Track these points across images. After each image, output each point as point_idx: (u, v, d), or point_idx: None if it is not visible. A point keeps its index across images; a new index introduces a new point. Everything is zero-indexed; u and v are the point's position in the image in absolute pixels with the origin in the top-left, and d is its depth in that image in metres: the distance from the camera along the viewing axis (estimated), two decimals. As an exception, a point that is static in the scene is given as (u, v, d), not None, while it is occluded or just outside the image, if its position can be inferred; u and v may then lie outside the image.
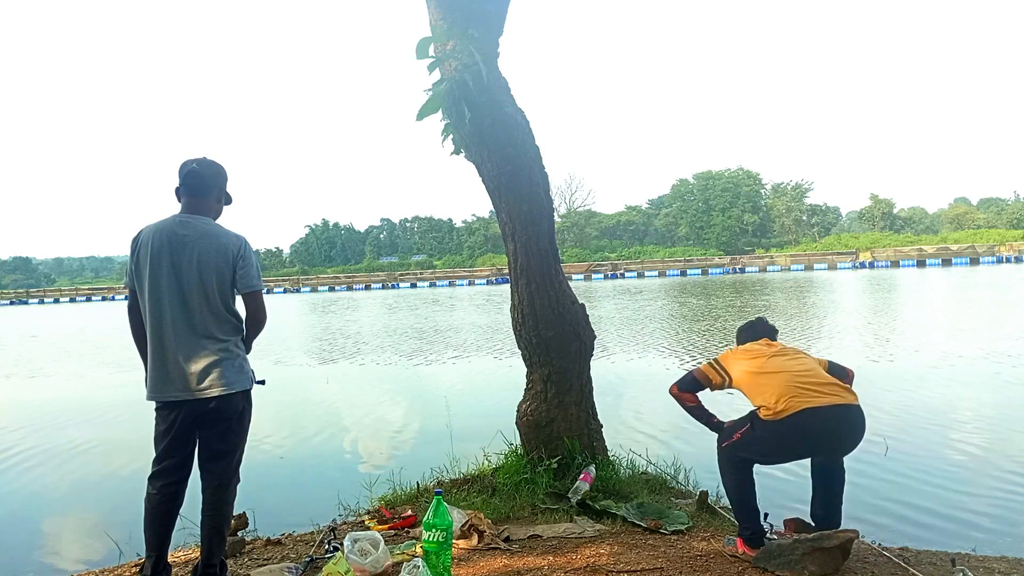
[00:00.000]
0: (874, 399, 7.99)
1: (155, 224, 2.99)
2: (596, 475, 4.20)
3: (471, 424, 7.31)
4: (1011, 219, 73.60)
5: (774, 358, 3.52)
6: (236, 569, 3.33)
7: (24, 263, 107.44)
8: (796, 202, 79.94)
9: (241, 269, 2.97)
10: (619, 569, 3.17)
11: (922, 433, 6.50)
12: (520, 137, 4.30)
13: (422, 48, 4.26)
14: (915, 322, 16.27)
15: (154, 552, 2.92)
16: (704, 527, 3.79)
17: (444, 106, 4.27)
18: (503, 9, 4.39)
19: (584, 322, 4.49)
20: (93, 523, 5.14)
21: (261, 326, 3.10)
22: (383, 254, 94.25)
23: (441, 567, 2.94)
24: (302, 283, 72.21)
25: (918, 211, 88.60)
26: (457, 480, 4.65)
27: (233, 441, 3.01)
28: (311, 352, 15.97)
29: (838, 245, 68.43)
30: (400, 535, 3.76)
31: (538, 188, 4.38)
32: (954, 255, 55.84)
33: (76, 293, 74.55)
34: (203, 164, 3.04)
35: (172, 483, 2.93)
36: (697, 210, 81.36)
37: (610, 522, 3.80)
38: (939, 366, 9.95)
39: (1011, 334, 12.87)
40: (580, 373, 4.50)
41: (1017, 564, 3.33)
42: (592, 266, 65.69)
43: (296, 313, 32.48)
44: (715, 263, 63.03)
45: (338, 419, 8.45)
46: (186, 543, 3.87)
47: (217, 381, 2.90)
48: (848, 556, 3.12)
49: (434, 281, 67.10)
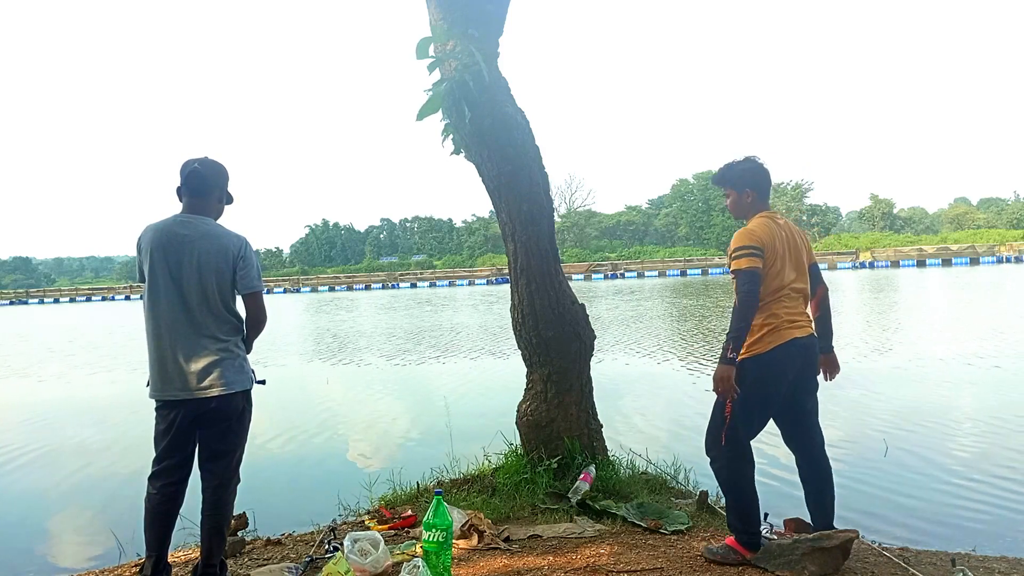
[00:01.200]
0: (874, 399, 8.00)
1: (156, 224, 3.00)
2: (596, 475, 4.20)
3: (471, 424, 7.31)
4: (1011, 219, 73.59)
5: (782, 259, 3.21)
6: (236, 569, 3.33)
7: (24, 263, 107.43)
8: (796, 202, 79.85)
9: (241, 270, 2.97)
10: (619, 569, 3.17)
11: (922, 433, 6.50)
12: (520, 137, 4.30)
13: (422, 48, 4.26)
14: (915, 322, 16.27)
15: (154, 552, 2.92)
16: (704, 527, 3.79)
17: (444, 106, 4.27)
18: (503, 9, 4.39)
19: (584, 322, 4.49)
20: (93, 523, 5.15)
21: (261, 327, 3.10)
22: (383, 254, 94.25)
23: (441, 567, 2.94)
24: (302, 283, 72.18)
25: (918, 211, 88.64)
26: (457, 480, 4.65)
27: (233, 441, 3.01)
28: (311, 352, 15.97)
29: (838, 245, 68.42)
30: (400, 535, 3.76)
31: (538, 188, 4.39)
32: (954, 255, 55.83)
33: (76, 293, 74.54)
34: (204, 164, 3.04)
35: (172, 483, 2.93)
36: (697, 210, 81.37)
37: (610, 522, 3.80)
38: (939, 366, 9.95)
39: (1011, 334, 12.86)
40: (580, 373, 4.50)
41: (1017, 564, 3.33)
42: (592, 266, 65.67)
43: (296, 313, 32.47)
44: (715, 263, 62.97)
45: (338, 419, 8.45)
46: (186, 543, 3.87)
47: (217, 381, 2.90)
48: (848, 556, 3.12)
49: (434, 281, 67.08)
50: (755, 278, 3.12)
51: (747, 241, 3.16)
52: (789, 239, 3.27)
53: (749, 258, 3.13)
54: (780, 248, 3.21)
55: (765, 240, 3.17)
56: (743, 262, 3.13)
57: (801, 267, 3.31)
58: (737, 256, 3.16)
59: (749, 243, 3.15)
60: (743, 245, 3.16)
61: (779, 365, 3.18)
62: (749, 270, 3.12)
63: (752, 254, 3.14)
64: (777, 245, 3.20)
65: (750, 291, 3.10)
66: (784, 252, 3.23)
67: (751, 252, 3.14)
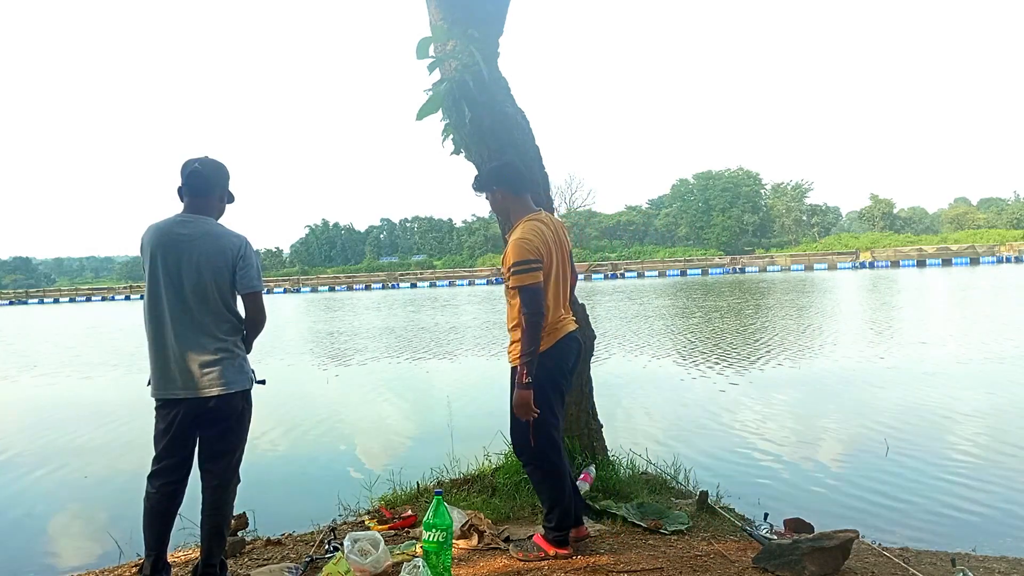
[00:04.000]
0: (874, 399, 8.01)
1: (158, 224, 3.00)
2: (596, 475, 4.20)
3: (471, 424, 7.30)
4: (1011, 219, 73.59)
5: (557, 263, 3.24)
6: (236, 569, 3.33)
7: (24, 263, 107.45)
8: (796, 202, 79.93)
9: (241, 270, 2.97)
10: (619, 569, 3.16)
11: (922, 433, 6.50)
12: (520, 137, 4.29)
13: (422, 48, 4.26)
14: (915, 322, 16.26)
15: (153, 551, 2.92)
16: (704, 527, 3.79)
17: (444, 106, 4.27)
18: (503, 9, 4.39)
19: (584, 322, 4.48)
20: (93, 523, 5.15)
21: (260, 327, 3.09)
22: (383, 254, 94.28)
23: (441, 567, 2.94)
24: (302, 283, 72.20)
25: (918, 211, 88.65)
26: (457, 480, 4.65)
27: (233, 441, 3.01)
28: (311, 352, 15.97)
29: (838, 245, 68.43)
30: (400, 535, 3.76)
31: (538, 188, 4.38)
32: (954, 255, 55.83)
33: (76, 293, 74.57)
34: (205, 164, 3.04)
35: (171, 482, 2.93)
36: (697, 210, 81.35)
37: (610, 522, 3.79)
38: (939, 366, 9.95)
39: (1010, 334, 12.86)
40: (580, 373, 4.48)
41: (1017, 564, 3.33)
42: (592, 266, 65.65)
43: (296, 313, 32.47)
44: (715, 263, 63.01)
45: (338, 419, 8.45)
46: (186, 543, 3.87)
47: (217, 380, 2.90)
48: (848, 556, 3.12)
49: (434, 281, 67.09)
50: (539, 295, 3.07)
51: (525, 255, 3.09)
52: (556, 238, 3.27)
53: (530, 273, 3.07)
54: (553, 249, 3.22)
55: (541, 248, 3.13)
56: (525, 278, 3.07)
57: (566, 263, 3.35)
58: (517, 272, 3.08)
59: (527, 257, 3.09)
60: (522, 260, 3.08)
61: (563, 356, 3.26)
62: (532, 287, 3.06)
63: (532, 268, 3.08)
64: (552, 249, 3.21)
65: (536, 310, 3.05)
66: (556, 253, 3.24)
67: (531, 267, 3.08)
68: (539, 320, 3.06)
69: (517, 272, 3.09)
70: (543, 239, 3.17)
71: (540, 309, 3.07)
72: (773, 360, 11.19)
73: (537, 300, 3.07)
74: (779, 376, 9.84)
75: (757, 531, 3.52)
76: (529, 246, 3.11)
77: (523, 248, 3.10)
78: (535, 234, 3.16)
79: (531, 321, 3.05)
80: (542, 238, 3.17)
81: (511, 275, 3.12)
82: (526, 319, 3.06)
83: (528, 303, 3.06)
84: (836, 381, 9.20)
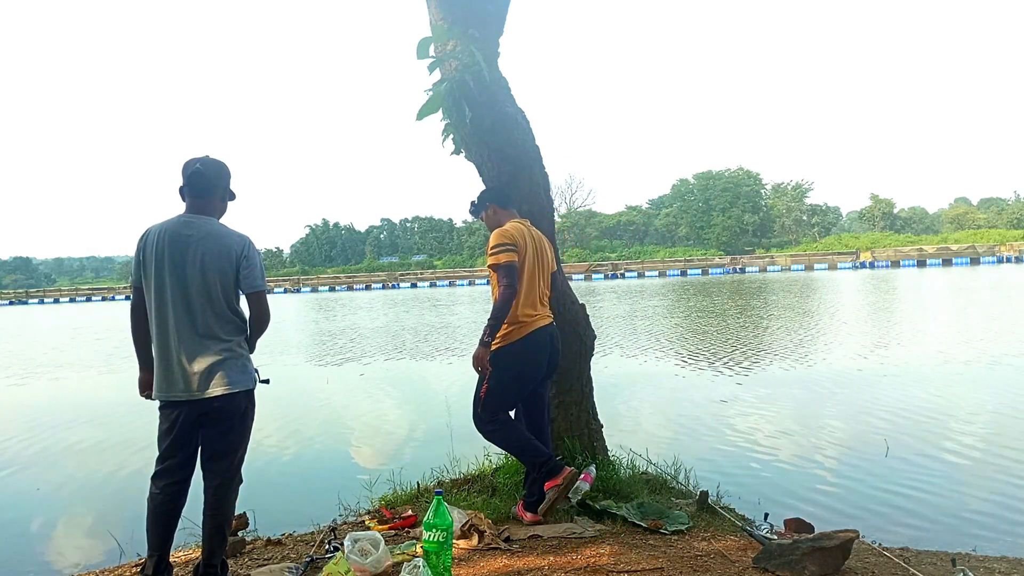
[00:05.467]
0: (874, 399, 8.01)
1: (160, 224, 3.00)
2: (596, 475, 4.19)
3: (471, 424, 7.29)
4: (1011, 219, 73.59)
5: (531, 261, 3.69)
6: (237, 569, 3.34)
7: (24, 263, 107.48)
8: (796, 202, 79.92)
9: (245, 269, 2.97)
10: (619, 569, 3.17)
11: (922, 433, 6.50)
12: (520, 137, 4.30)
13: (422, 48, 4.26)
14: (915, 322, 16.26)
15: (156, 551, 2.92)
16: (704, 527, 3.79)
17: (444, 106, 4.27)
18: (503, 9, 4.39)
19: (585, 322, 4.49)
20: (94, 523, 5.15)
21: (264, 326, 3.09)
22: (383, 254, 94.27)
23: (441, 567, 2.94)
24: (302, 283, 72.23)
25: (918, 211, 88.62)
26: (457, 480, 4.65)
27: (235, 441, 3.01)
28: (311, 351, 15.97)
29: (838, 245, 68.46)
30: (400, 535, 3.76)
31: (538, 188, 4.39)
32: (954, 255, 55.87)
33: (76, 293, 74.63)
34: (206, 164, 3.04)
35: (175, 482, 2.93)
36: (697, 210, 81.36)
37: (610, 522, 3.80)
38: (939, 366, 9.96)
39: (1011, 333, 12.86)
40: (580, 373, 4.50)
41: (1017, 564, 3.34)
42: (592, 266, 65.68)
43: (296, 313, 32.47)
44: (715, 263, 63.05)
45: (338, 419, 8.45)
46: (187, 543, 3.87)
47: (220, 381, 2.90)
48: (848, 556, 3.12)
49: (434, 281, 67.14)
50: (512, 271, 3.57)
51: (502, 239, 3.62)
52: (535, 243, 3.75)
53: (506, 253, 3.59)
54: (529, 246, 3.69)
55: (517, 238, 3.65)
56: (501, 257, 3.59)
57: (544, 268, 3.80)
58: (495, 252, 3.61)
59: (504, 240, 3.62)
60: (499, 243, 3.62)
61: (532, 348, 3.67)
62: (507, 264, 3.57)
63: (508, 249, 3.59)
64: (528, 245, 3.68)
65: (510, 283, 3.55)
66: (532, 252, 3.69)
67: (507, 248, 3.60)
68: (511, 293, 3.54)
69: (494, 252, 3.61)
70: (521, 234, 3.69)
71: (513, 283, 3.56)
72: (773, 360, 11.19)
73: (511, 275, 3.55)
74: (779, 376, 9.84)
75: (757, 531, 3.52)
76: (506, 234, 3.65)
77: (501, 234, 3.66)
78: (514, 228, 3.71)
79: (504, 293, 3.53)
80: (520, 233, 3.69)
81: (490, 255, 3.63)
82: (500, 290, 3.55)
83: (503, 277, 3.55)
84: (836, 381, 9.20)
